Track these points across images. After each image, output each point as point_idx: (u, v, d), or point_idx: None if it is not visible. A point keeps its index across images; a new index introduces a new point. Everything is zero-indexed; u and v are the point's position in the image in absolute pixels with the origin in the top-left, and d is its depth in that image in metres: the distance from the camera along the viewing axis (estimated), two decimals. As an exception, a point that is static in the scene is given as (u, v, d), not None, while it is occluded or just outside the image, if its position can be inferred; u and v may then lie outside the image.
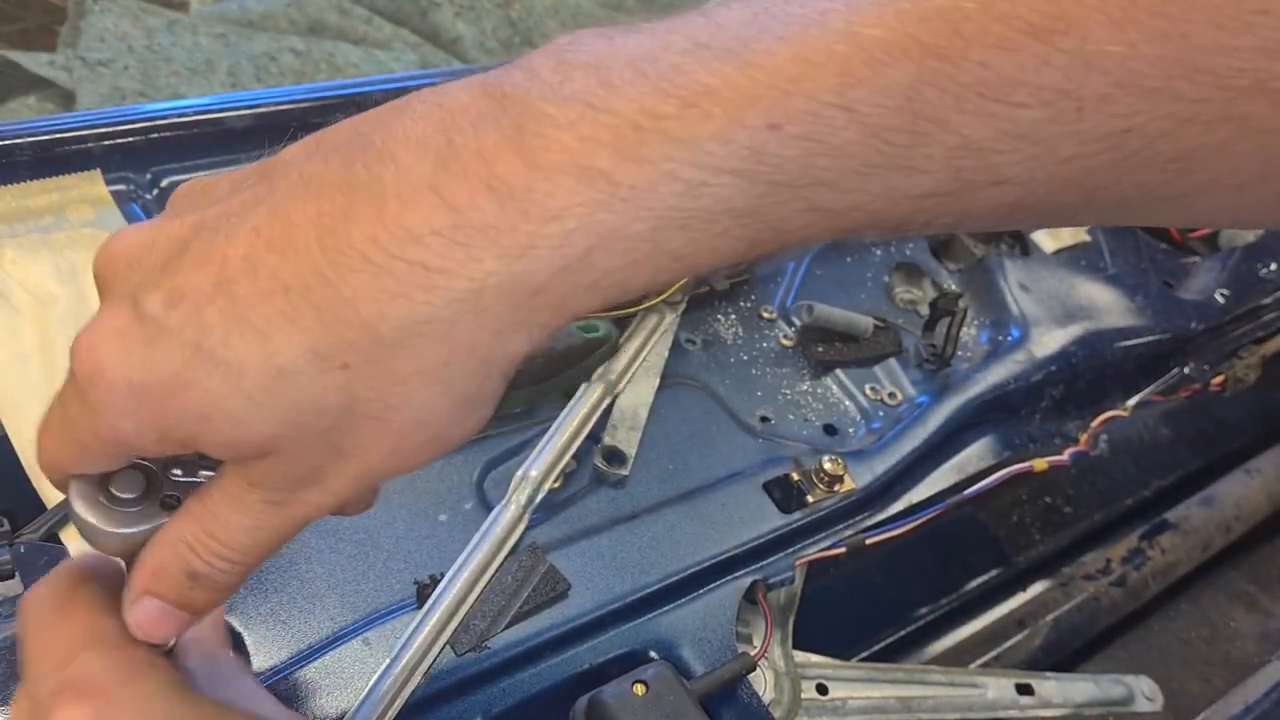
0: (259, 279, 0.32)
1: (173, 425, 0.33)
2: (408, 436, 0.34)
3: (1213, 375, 0.90)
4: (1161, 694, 0.68)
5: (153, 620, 0.37)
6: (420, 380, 0.33)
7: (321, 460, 0.34)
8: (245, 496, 0.35)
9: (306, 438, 0.33)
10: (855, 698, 0.62)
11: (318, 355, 0.32)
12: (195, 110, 0.76)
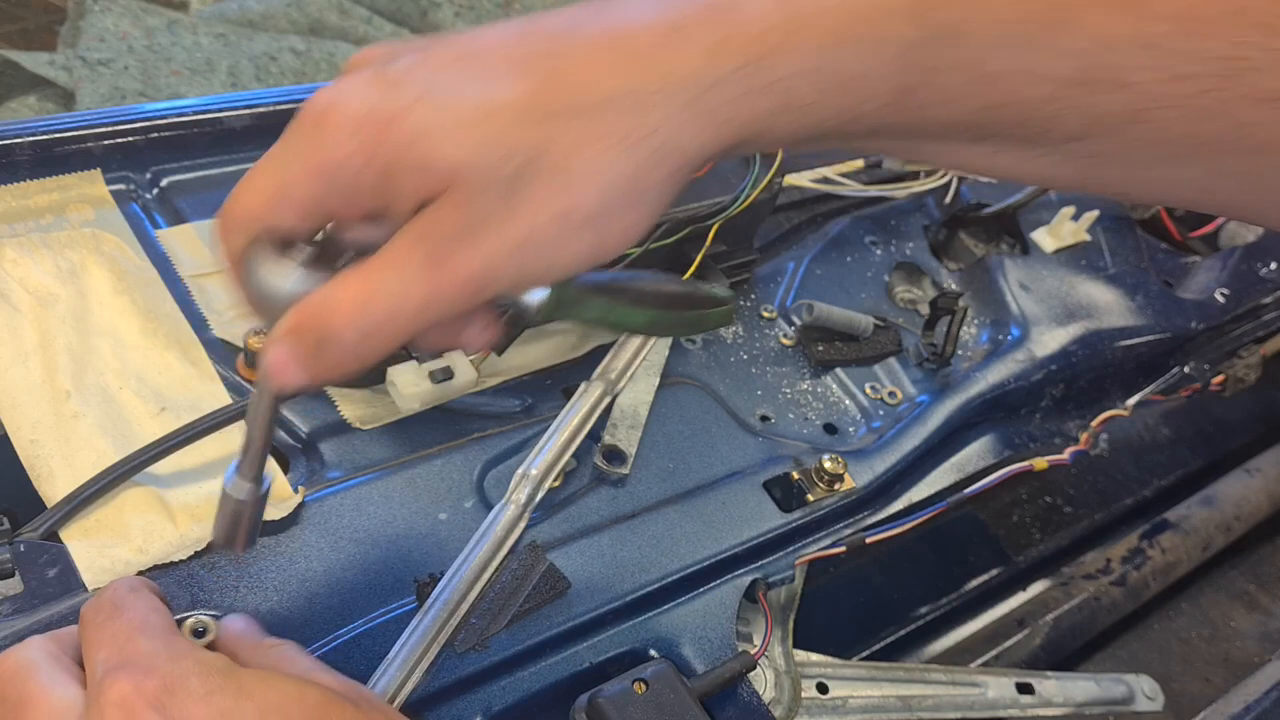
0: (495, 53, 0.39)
1: (385, 149, 0.37)
2: (573, 206, 0.38)
3: (1213, 375, 0.90)
4: (1162, 693, 0.68)
5: (280, 364, 0.40)
6: (602, 147, 0.38)
7: (491, 210, 0.38)
8: (406, 255, 0.38)
9: (489, 177, 0.37)
10: (855, 696, 0.62)
11: (526, 105, 0.37)
12: (195, 110, 0.76)
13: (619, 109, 0.38)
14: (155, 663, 0.39)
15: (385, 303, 0.38)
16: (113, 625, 0.42)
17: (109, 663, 0.40)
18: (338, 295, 0.39)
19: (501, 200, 0.38)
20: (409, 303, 0.38)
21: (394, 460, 0.63)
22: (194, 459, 0.59)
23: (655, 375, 0.70)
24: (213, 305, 0.68)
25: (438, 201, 0.38)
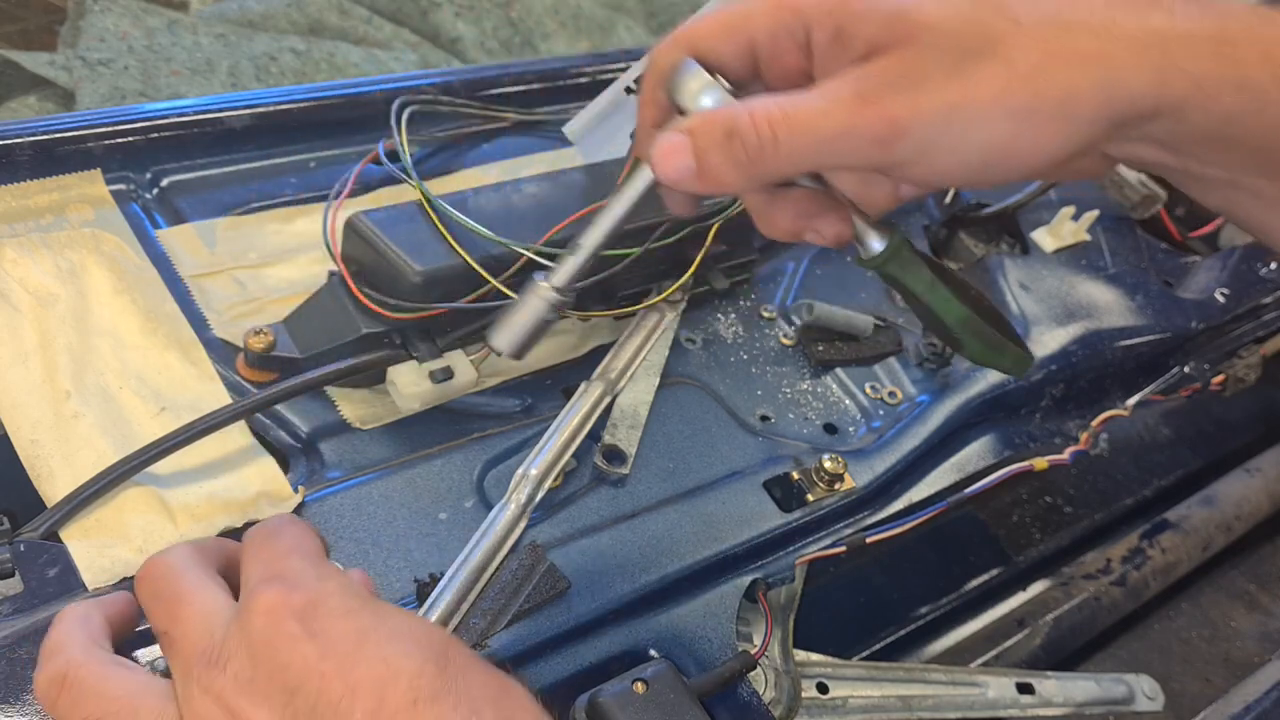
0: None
1: None
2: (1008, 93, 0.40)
3: (1213, 375, 0.90)
4: (1162, 693, 0.68)
5: (669, 151, 0.43)
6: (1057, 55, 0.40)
7: (936, 70, 0.40)
8: (840, 87, 0.41)
9: (949, 41, 0.41)
10: (855, 696, 0.62)
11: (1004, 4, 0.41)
12: (195, 110, 0.76)
13: (1085, 31, 0.41)
14: (304, 580, 0.42)
15: (806, 117, 0.41)
16: (270, 546, 0.45)
17: (262, 576, 0.42)
18: (760, 102, 0.42)
19: (950, 66, 0.40)
20: (829, 123, 0.41)
21: (394, 460, 0.63)
22: (194, 459, 0.59)
23: (655, 375, 0.70)
24: (213, 305, 0.68)
25: (887, 53, 0.41)
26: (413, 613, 0.44)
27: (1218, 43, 0.41)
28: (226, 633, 0.41)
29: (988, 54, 0.40)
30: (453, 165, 0.83)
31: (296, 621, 0.41)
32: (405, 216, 0.65)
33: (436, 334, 0.66)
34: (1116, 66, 0.41)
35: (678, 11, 1.42)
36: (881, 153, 0.42)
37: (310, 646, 0.40)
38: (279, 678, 0.39)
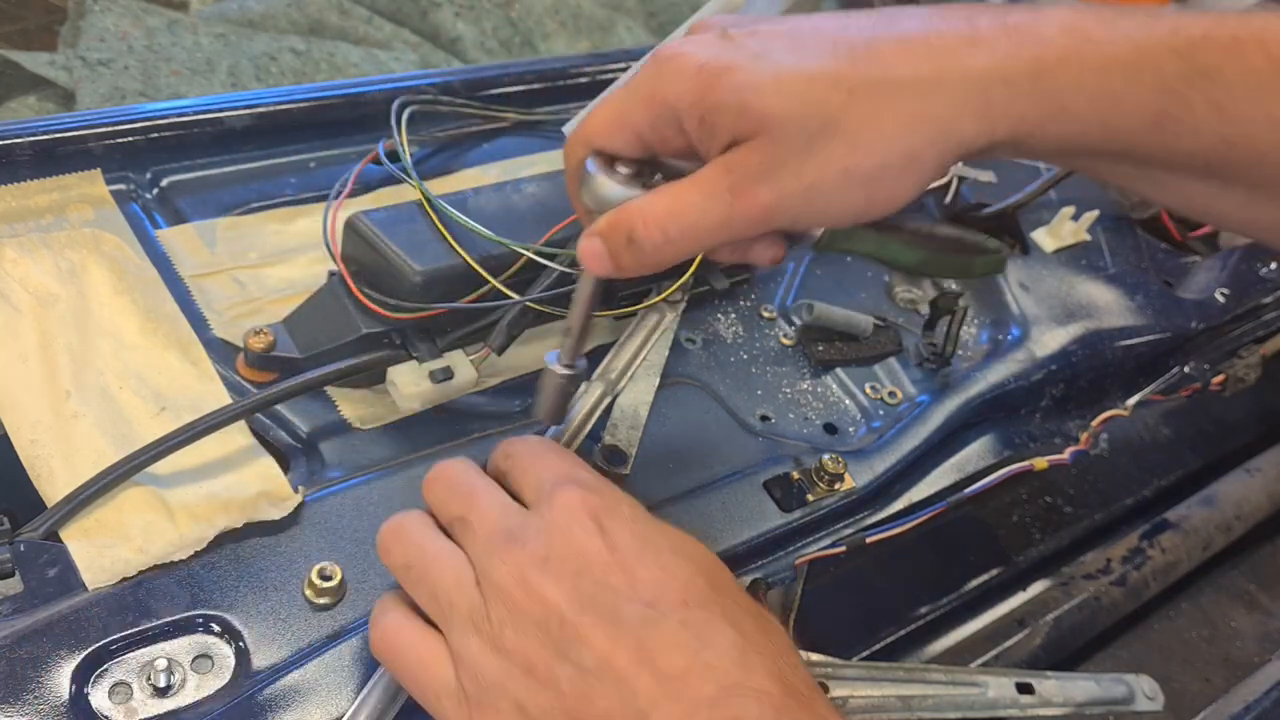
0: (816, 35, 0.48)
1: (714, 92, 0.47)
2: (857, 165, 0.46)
3: (1213, 375, 0.90)
4: (1162, 693, 0.68)
5: (590, 255, 0.51)
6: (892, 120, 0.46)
7: (790, 157, 0.46)
8: (713, 181, 0.47)
9: (795, 128, 0.46)
10: (856, 696, 0.62)
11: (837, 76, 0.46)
12: (195, 110, 0.76)
13: (913, 91, 0.46)
14: (598, 486, 0.50)
15: (688, 215, 0.48)
16: (554, 456, 0.52)
17: (558, 479, 0.49)
18: (651, 202, 0.49)
19: (801, 151, 0.46)
20: (709, 218, 0.48)
21: (394, 460, 0.63)
22: (194, 459, 0.59)
23: (655, 375, 0.70)
24: (213, 305, 0.68)
25: (747, 143, 0.47)
26: (684, 534, 0.50)
27: (1033, 79, 0.46)
28: (525, 519, 0.48)
29: (830, 132, 0.46)
30: (453, 165, 0.83)
31: (592, 519, 0.47)
32: (405, 216, 0.65)
33: (436, 334, 0.66)
34: (947, 119, 0.46)
35: (678, 12, 1.42)
36: (761, 228, 0.49)
37: (601, 541, 0.46)
38: (571, 561, 0.46)
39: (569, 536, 0.47)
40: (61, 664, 0.49)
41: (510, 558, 0.46)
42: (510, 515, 0.49)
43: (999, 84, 0.46)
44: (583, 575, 0.46)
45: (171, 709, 0.50)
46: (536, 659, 0.45)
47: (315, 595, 0.55)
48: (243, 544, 0.56)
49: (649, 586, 0.45)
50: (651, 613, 0.45)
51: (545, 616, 0.45)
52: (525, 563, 0.46)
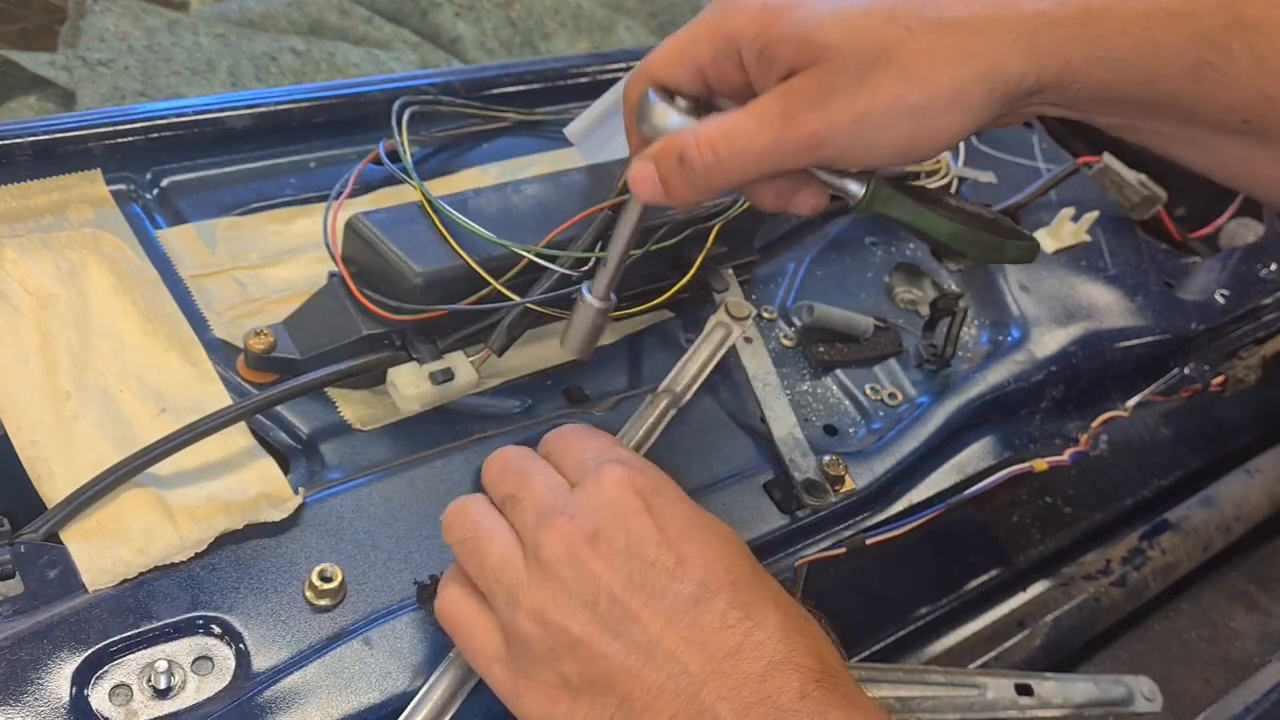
0: None
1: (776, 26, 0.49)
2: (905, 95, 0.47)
3: (1213, 375, 0.90)
4: (1161, 694, 0.68)
5: (642, 179, 0.52)
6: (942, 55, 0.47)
7: (843, 86, 0.47)
8: (767, 107, 0.49)
9: (850, 59, 0.47)
10: (855, 698, 0.62)
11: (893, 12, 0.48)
12: (195, 110, 0.76)
13: (965, 29, 0.48)
14: (643, 465, 0.52)
15: (740, 138, 0.49)
16: (596, 437, 0.54)
17: (601, 457, 0.51)
18: (703, 127, 0.50)
19: (855, 80, 0.47)
20: (759, 141, 0.49)
21: (394, 461, 0.63)
22: (194, 460, 0.59)
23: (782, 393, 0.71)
24: (213, 306, 0.68)
25: (802, 73, 0.48)
26: (718, 519, 0.51)
27: (1081, 24, 0.47)
28: (572, 496, 0.49)
29: (884, 63, 0.48)
30: (453, 165, 0.83)
31: (638, 497, 0.49)
32: (406, 218, 0.65)
33: (437, 335, 0.66)
34: (995, 57, 0.47)
35: (678, 12, 1.42)
36: (810, 158, 0.50)
37: (649, 520, 0.48)
38: (620, 539, 0.47)
39: (617, 513, 0.48)
40: (62, 665, 0.49)
41: (559, 532, 0.48)
42: (559, 493, 0.50)
43: (1047, 26, 0.47)
44: (633, 554, 0.47)
45: (172, 711, 0.50)
46: (584, 633, 0.46)
47: (316, 597, 0.55)
48: (243, 545, 0.56)
49: (699, 566, 0.47)
50: (703, 592, 0.46)
51: (595, 593, 0.46)
52: (574, 538, 0.48)
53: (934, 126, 0.49)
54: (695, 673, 0.45)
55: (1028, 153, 1.02)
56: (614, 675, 0.46)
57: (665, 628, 0.46)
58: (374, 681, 0.53)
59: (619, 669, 0.46)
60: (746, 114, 0.50)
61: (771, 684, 0.44)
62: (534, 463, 0.53)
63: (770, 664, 0.45)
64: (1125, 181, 0.97)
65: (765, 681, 0.44)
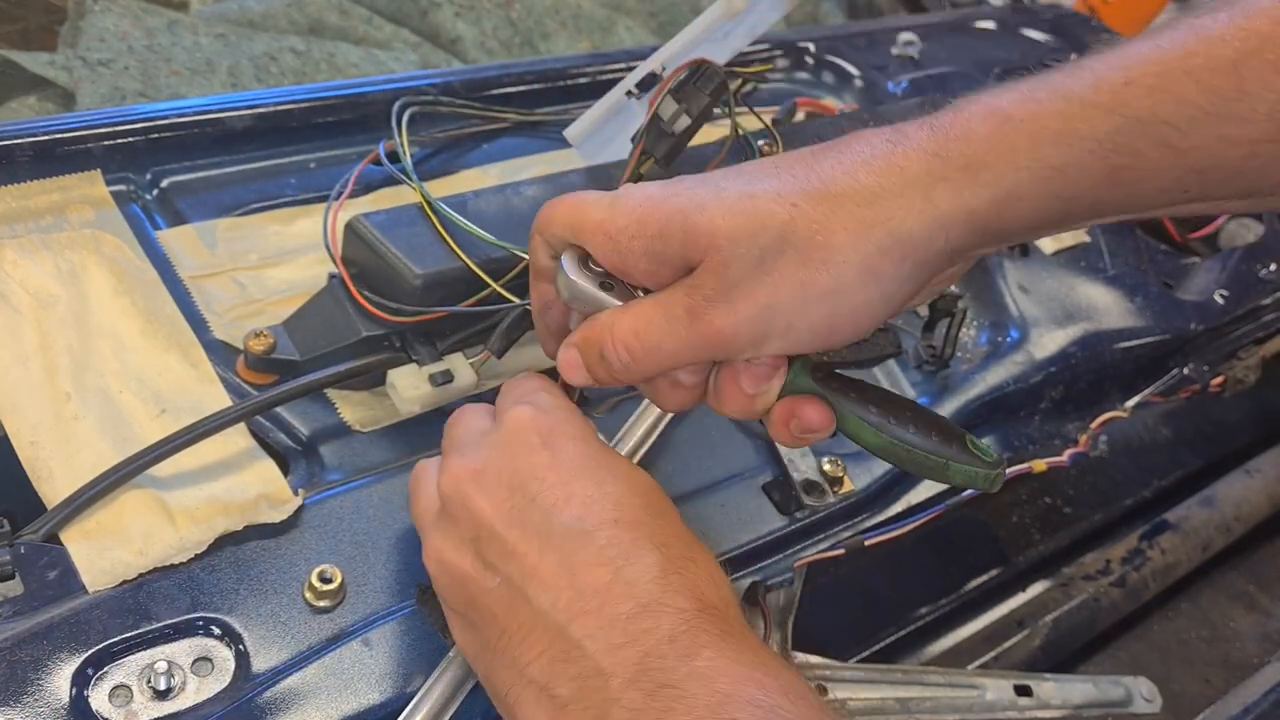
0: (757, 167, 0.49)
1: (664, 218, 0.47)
2: (812, 279, 0.45)
3: (1212, 376, 0.90)
4: (1160, 695, 0.68)
5: (569, 365, 0.51)
6: (841, 229, 0.45)
7: (742, 277, 0.46)
8: (671, 305, 0.47)
9: (742, 246, 0.45)
10: (855, 699, 0.62)
11: (780, 191, 0.46)
12: (195, 110, 0.76)
13: (857, 200, 0.46)
14: (554, 408, 0.52)
15: (651, 339, 0.48)
16: (529, 381, 0.54)
17: (517, 400, 0.52)
18: (618, 323, 0.49)
19: (753, 267, 0.46)
20: (669, 342, 0.48)
21: (394, 463, 0.63)
22: (194, 461, 0.59)
23: None
24: (213, 307, 0.68)
25: (700, 267, 0.47)
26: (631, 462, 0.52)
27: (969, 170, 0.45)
28: (480, 437, 0.51)
29: (778, 247, 0.46)
30: (453, 166, 0.83)
31: (536, 435, 0.49)
32: (405, 219, 0.65)
33: (436, 337, 0.66)
34: (894, 224, 0.45)
35: (678, 12, 1.42)
36: (723, 353, 0.48)
37: (541, 457, 0.49)
38: (506, 475, 0.48)
39: (510, 452, 0.49)
40: (62, 666, 0.49)
41: (449, 471, 0.50)
42: (471, 434, 0.52)
43: (938, 183, 0.46)
44: (516, 490, 0.48)
45: (171, 712, 0.50)
46: (470, 569, 0.48)
47: (315, 598, 0.55)
48: (243, 547, 0.56)
49: (581, 503, 0.47)
50: (581, 528, 0.46)
51: (477, 529, 0.48)
52: (461, 475, 0.49)
53: (850, 307, 0.47)
54: (565, 608, 0.45)
55: (1027, 153, 1.02)
56: (495, 609, 0.47)
57: (540, 562, 0.46)
58: (373, 682, 0.53)
59: (498, 602, 0.46)
60: (655, 309, 0.48)
61: (639, 625, 0.44)
62: (470, 414, 0.54)
63: (639, 605, 0.44)
64: (1125, 182, 0.97)
65: (633, 622, 0.44)
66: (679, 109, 0.66)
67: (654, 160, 0.66)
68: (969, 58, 1.14)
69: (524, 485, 0.48)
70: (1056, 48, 1.22)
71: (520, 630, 0.46)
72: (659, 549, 0.46)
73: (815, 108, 0.96)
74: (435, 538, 0.50)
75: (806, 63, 1.09)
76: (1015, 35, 1.23)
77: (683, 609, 0.45)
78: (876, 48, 1.11)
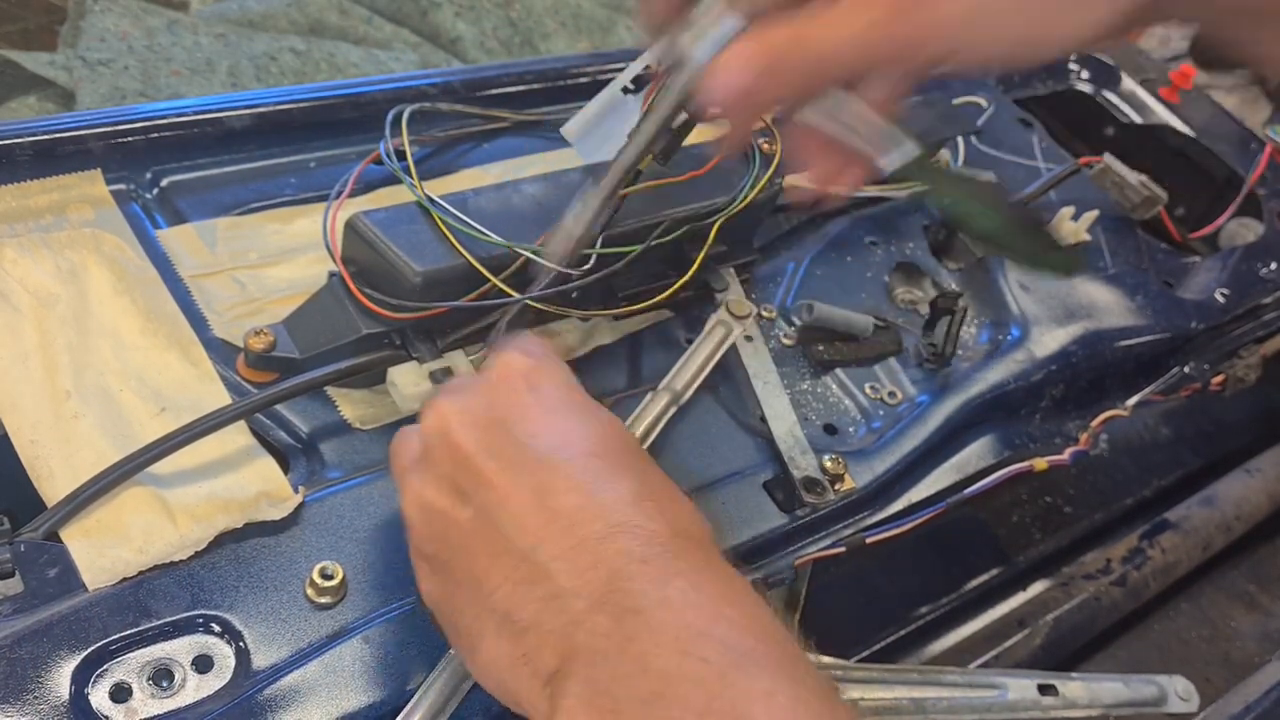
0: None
1: None
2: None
3: (1213, 375, 0.90)
4: (1197, 694, 0.65)
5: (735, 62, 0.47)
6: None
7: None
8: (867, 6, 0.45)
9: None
10: (866, 699, 0.61)
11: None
12: (195, 110, 0.76)
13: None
14: (539, 355, 0.52)
15: (849, 30, 0.45)
16: (521, 336, 0.55)
17: (508, 348, 0.53)
18: (806, 21, 0.45)
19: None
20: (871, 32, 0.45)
21: (394, 460, 0.63)
22: (194, 459, 0.59)
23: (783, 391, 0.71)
24: (213, 305, 0.68)
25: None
26: (614, 415, 0.52)
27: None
28: (467, 382, 0.52)
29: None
30: (453, 165, 0.83)
31: (521, 378, 0.50)
32: (405, 217, 0.65)
33: (437, 334, 0.66)
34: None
35: (678, 11, 1.42)
36: (922, 54, 0.46)
37: (524, 397, 0.49)
38: (488, 412, 0.49)
39: (494, 392, 0.50)
40: (61, 664, 0.49)
41: (435, 408, 0.50)
42: (468, 379, 0.53)
43: None
44: (495, 424, 0.48)
45: (172, 709, 0.50)
46: (446, 505, 0.47)
47: (316, 595, 0.55)
48: (243, 544, 0.56)
49: (559, 434, 0.48)
50: (556, 457, 0.46)
51: (455, 464, 0.47)
52: (446, 413, 0.49)
53: (1063, 18, 0.45)
54: (534, 531, 0.44)
55: (1028, 153, 1.02)
56: (466, 541, 0.46)
57: (513, 489, 0.45)
58: (374, 679, 0.53)
59: (470, 534, 0.46)
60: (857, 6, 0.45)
61: (610, 546, 0.43)
62: (463, 376, 0.56)
63: (610, 526, 0.44)
64: (1126, 182, 0.97)
65: (603, 543, 0.43)
66: (676, 105, 0.65)
67: (652, 156, 0.66)
68: (969, 57, 1.14)
69: (504, 420, 0.48)
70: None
71: (487, 560, 0.45)
72: (636, 478, 0.46)
73: (815, 107, 0.95)
74: (414, 480, 0.49)
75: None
76: (1015, 35, 1.23)
77: (656, 532, 0.44)
78: (876, 47, 1.11)
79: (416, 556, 0.50)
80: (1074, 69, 1.20)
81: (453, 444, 0.48)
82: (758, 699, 0.39)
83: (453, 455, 0.48)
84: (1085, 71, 1.20)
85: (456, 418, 0.49)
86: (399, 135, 0.73)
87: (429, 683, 0.53)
